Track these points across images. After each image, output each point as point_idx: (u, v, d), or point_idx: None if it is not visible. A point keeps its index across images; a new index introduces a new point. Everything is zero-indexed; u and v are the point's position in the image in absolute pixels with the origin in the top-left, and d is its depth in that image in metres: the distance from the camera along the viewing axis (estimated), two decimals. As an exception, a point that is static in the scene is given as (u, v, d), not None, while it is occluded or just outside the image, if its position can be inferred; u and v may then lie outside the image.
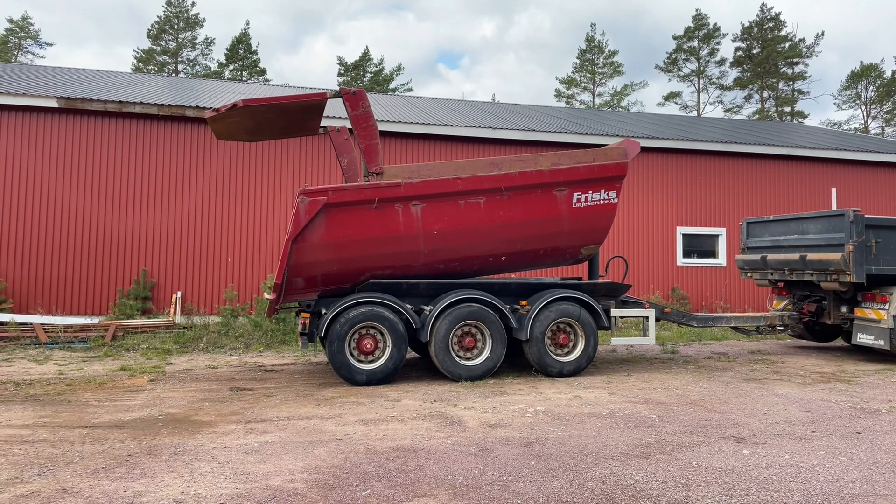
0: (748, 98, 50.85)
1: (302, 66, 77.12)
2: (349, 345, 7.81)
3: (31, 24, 47.07)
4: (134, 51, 49.76)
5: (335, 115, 13.40)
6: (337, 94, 8.28)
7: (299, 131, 9.27)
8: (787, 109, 49.57)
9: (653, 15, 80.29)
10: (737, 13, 73.31)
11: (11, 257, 12.49)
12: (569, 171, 8.46)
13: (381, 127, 8.68)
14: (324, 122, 9.14)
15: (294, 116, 8.51)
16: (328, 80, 71.67)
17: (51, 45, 51.70)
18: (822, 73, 71.16)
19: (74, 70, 19.95)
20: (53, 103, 12.68)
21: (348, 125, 8.94)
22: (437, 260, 8.25)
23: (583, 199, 8.51)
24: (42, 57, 47.35)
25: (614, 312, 8.92)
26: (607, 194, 8.63)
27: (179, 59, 47.76)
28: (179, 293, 12.97)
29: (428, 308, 8.09)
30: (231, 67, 48.13)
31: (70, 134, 12.96)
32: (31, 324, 11.21)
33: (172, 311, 12.69)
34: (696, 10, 58.54)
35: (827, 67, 69.18)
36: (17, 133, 12.73)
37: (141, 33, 72.40)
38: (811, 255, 10.02)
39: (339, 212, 7.70)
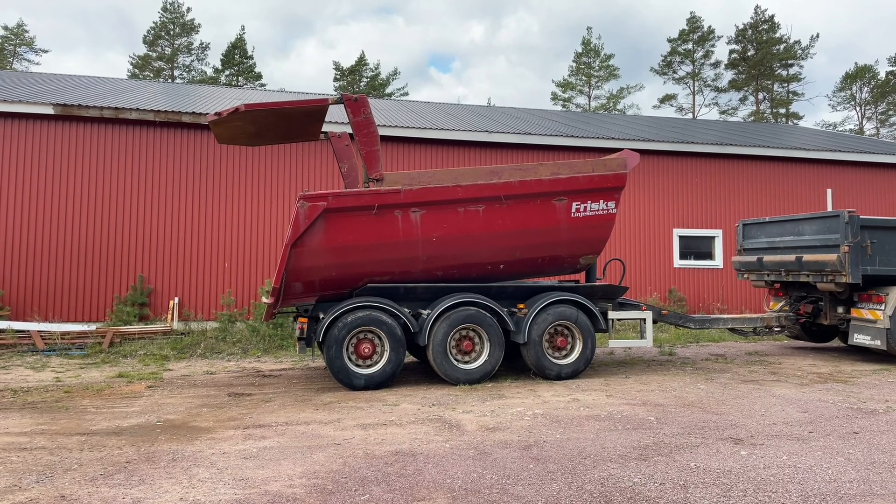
0: (743, 100, 51.11)
1: (293, 70, 77.27)
2: (347, 349, 7.81)
3: (27, 31, 47.09)
4: (130, 57, 49.77)
5: (336, 120, 13.43)
6: (339, 100, 8.30)
7: (300, 136, 9.29)
8: (782, 111, 49.81)
9: (641, 17, 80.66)
10: (731, 15, 73.68)
11: (8, 264, 12.47)
12: (568, 180, 8.46)
13: (379, 131, 8.69)
14: (324, 128, 9.16)
15: (295, 121, 8.53)
16: (320, 84, 71.79)
17: (46, 51, 51.68)
18: (812, 74, 71.56)
19: (70, 77, 19.95)
20: (49, 110, 12.68)
21: (349, 131, 8.96)
22: (435, 267, 8.25)
23: (581, 209, 8.51)
24: (37, 64, 47.41)
25: (612, 315, 8.95)
26: (606, 205, 8.63)
27: (175, 64, 47.79)
28: (177, 299, 12.96)
29: (426, 312, 8.09)
30: (227, 73, 48.17)
31: (66, 141, 12.96)
32: (28, 331, 11.18)
33: (170, 317, 12.66)
34: (691, 13, 58.79)
35: (816, 68, 69.64)
36: (14, 140, 12.73)
37: (130, 38, 72.48)
38: (807, 257, 10.06)
39: (339, 217, 7.71)
